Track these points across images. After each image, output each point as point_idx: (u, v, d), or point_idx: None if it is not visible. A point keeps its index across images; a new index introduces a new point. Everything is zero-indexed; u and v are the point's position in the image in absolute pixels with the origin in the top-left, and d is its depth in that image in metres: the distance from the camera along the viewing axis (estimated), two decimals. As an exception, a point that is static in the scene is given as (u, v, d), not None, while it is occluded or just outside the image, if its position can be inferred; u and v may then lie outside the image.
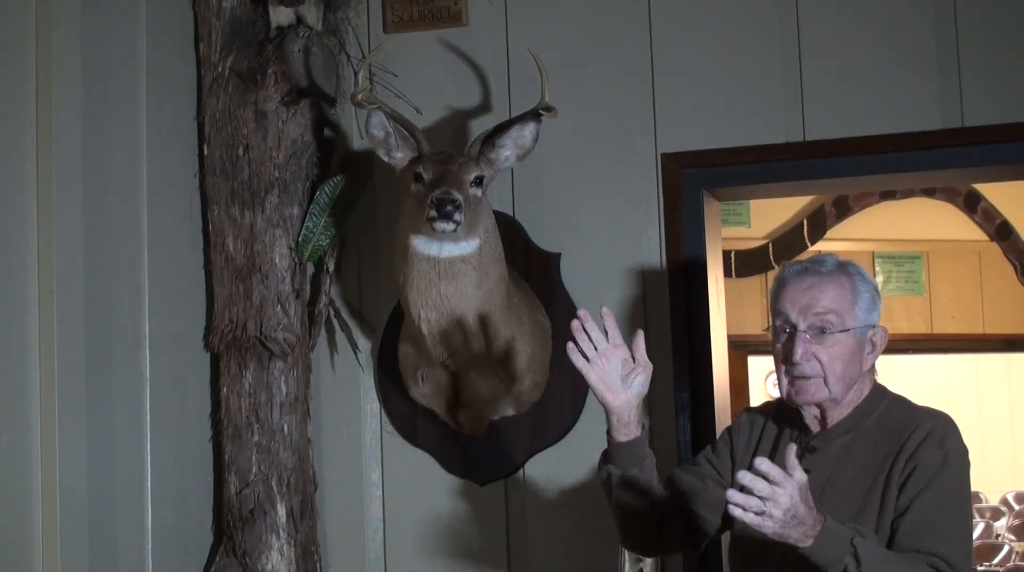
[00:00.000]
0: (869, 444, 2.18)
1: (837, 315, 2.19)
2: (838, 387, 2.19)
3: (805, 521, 1.93)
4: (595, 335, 2.20)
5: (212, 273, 3.01)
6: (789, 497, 1.90)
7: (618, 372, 2.20)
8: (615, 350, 2.20)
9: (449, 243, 2.63)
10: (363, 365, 3.11)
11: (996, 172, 3.01)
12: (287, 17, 2.97)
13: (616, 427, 2.22)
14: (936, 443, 2.10)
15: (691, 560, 2.83)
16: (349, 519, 3.10)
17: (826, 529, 1.96)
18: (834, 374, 2.18)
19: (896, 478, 2.10)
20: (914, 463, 2.09)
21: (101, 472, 2.68)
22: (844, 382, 2.20)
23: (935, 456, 2.09)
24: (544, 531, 2.97)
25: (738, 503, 1.90)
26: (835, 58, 2.89)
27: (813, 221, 5.92)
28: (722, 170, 2.96)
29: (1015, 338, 6.26)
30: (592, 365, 2.19)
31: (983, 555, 6.36)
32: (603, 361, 2.19)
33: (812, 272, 2.23)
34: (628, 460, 2.23)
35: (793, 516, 1.91)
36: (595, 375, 2.19)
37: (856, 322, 2.19)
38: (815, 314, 2.19)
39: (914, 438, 2.12)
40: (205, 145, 3.01)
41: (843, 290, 2.20)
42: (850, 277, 2.22)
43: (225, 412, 2.97)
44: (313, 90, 2.95)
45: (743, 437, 2.36)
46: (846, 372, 2.19)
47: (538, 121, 2.76)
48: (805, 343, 2.18)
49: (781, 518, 1.90)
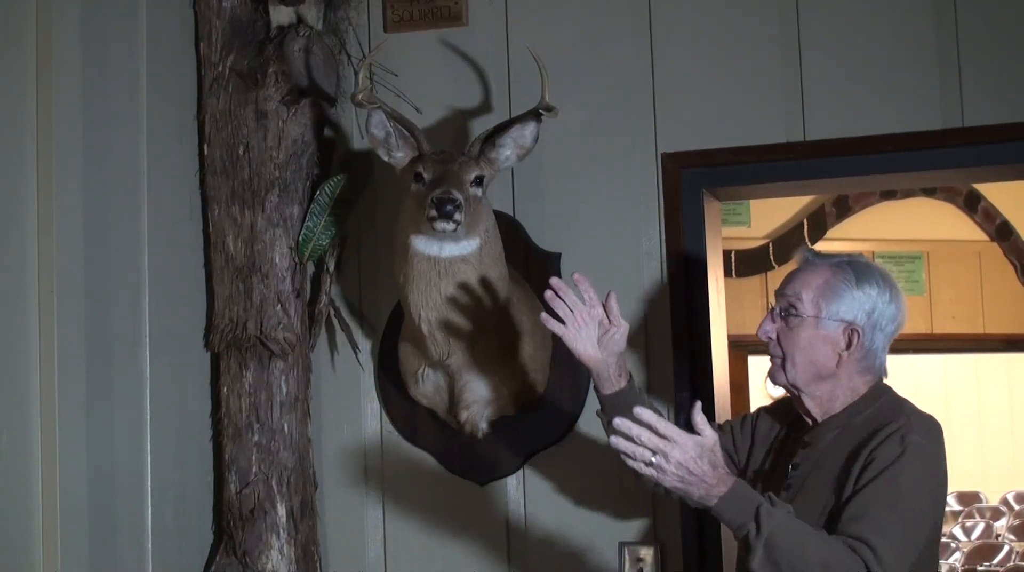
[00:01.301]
0: (851, 440, 2.19)
1: (807, 301, 2.22)
2: (796, 373, 2.23)
3: (705, 480, 1.99)
4: (569, 300, 2.32)
5: (212, 273, 3.01)
6: (681, 451, 1.97)
7: (594, 333, 2.33)
8: (590, 312, 2.33)
9: (449, 243, 2.63)
10: (363, 365, 3.11)
11: (996, 172, 3.01)
12: (287, 17, 2.97)
13: (599, 382, 2.36)
14: (898, 439, 2.10)
15: (691, 555, 2.83)
16: (349, 519, 3.10)
17: (733, 491, 2.00)
18: (791, 360, 2.23)
19: (855, 470, 2.11)
20: (872, 456, 2.10)
21: (101, 472, 2.68)
22: (805, 372, 2.23)
23: (892, 451, 2.08)
24: (544, 531, 2.97)
25: (624, 450, 1.98)
26: (835, 58, 2.89)
27: (813, 221, 5.92)
28: (722, 170, 2.96)
29: (1015, 338, 6.26)
30: (567, 328, 2.32)
31: (983, 555, 6.37)
32: (578, 323, 2.32)
33: (810, 260, 2.29)
34: (616, 409, 2.28)
35: (689, 472, 1.98)
36: (571, 336, 2.33)
37: (825, 313, 2.21)
38: (784, 294, 2.26)
39: (881, 433, 2.12)
40: (205, 145, 3.01)
41: (821, 280, 2.23)
42: (837, 272, 2.23)
43: (225, 412, 2.97)
44: (313, 90, 2.95)
45: (765, 424, 2.42)
46: (807, 361, 2.22)
47: (538, 121, 2.75)
48: (770, 320, 2.26)
49: (674, 472, 1.98)
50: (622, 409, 2.24)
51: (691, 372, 2.89)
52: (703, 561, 2.84)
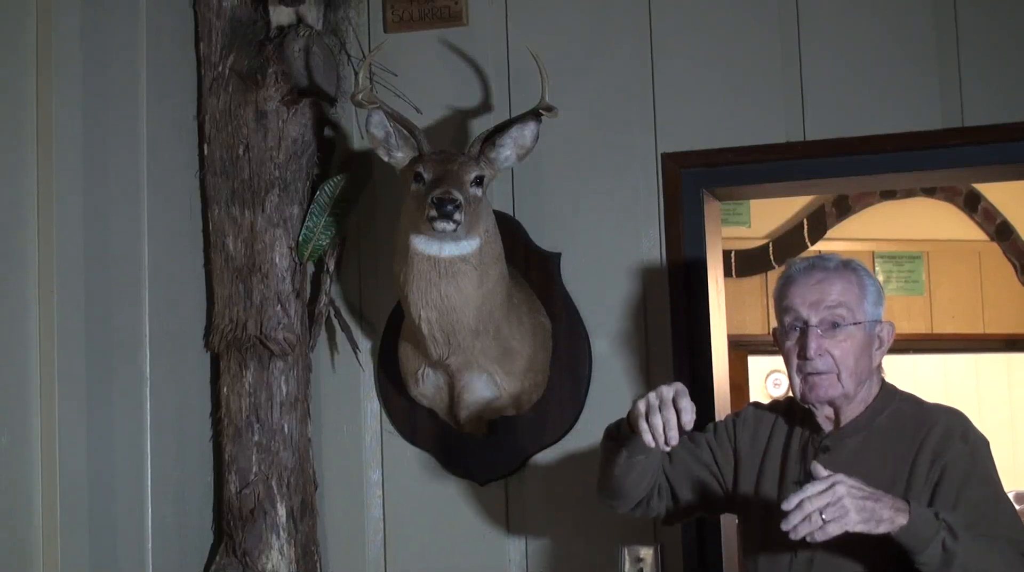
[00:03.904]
0: (883, 443, 2.18)
1: (847, 309, 2.20)
2: (851, 382, 2.20)
3: (881, 498, 1.94)
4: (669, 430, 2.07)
5: (212, 273, 3.01)
6: (844, 486, 1.91)
7: None
8: None
9: (449, 243, 2.63)
10: (363, 365, 3.11)
11: (996, 172, 3.01)
12: (287, 17, 2.97)
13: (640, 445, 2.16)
14: (959, 439, 2.12)
15: (691, 555, 2.83)
16: (349, 519, 3.10)
17: (913, 504, 1.96)
18: (847, 368, 2.19)
19: (922, 479, 2.10)
20: (943, 462, 2.10)
21: (101, 472, 2.68)
22: (856, 377, 2.20)
23: (962, 451, 2.11)
24: (544, 531, 2.97)
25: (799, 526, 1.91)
26: (835, 58, 2.89)
27: (813, 221, 5.91)
28: (722, 170, 2.96)
29: (1015, 338, 6.25)
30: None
31: (983, 555, 6.35)
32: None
33: (819, 268, 2.25)
34: (641, 448, 2.20)
35: (864, 495, 1.92)
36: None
37: (866, 316, 2.21)
38: (827, 308, 2.20)
39: (933, 437, 2.12)
40: (205, 145, 3.01)
41: (851, 284, 2.22)
42: (856, 272, 2.24)
43: (225, 412, 2.97)
44: (313, 90, 2.95)
45: (747, 433, 2.36)
46: (857, 367, 2.20)
47: (538, 121, 2.75)
48: (818, 338, 2.18)
49: (854, 504, 1.91)
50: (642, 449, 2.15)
51: (691, 372, 2.88)
52: (703, 561, 2.84)
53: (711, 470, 2.36)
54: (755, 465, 2.32)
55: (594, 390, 2.93)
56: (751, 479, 2.32)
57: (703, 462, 2.36)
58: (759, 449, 2.33)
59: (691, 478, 2.36)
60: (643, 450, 2.17)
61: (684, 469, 2.35)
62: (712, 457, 2.36)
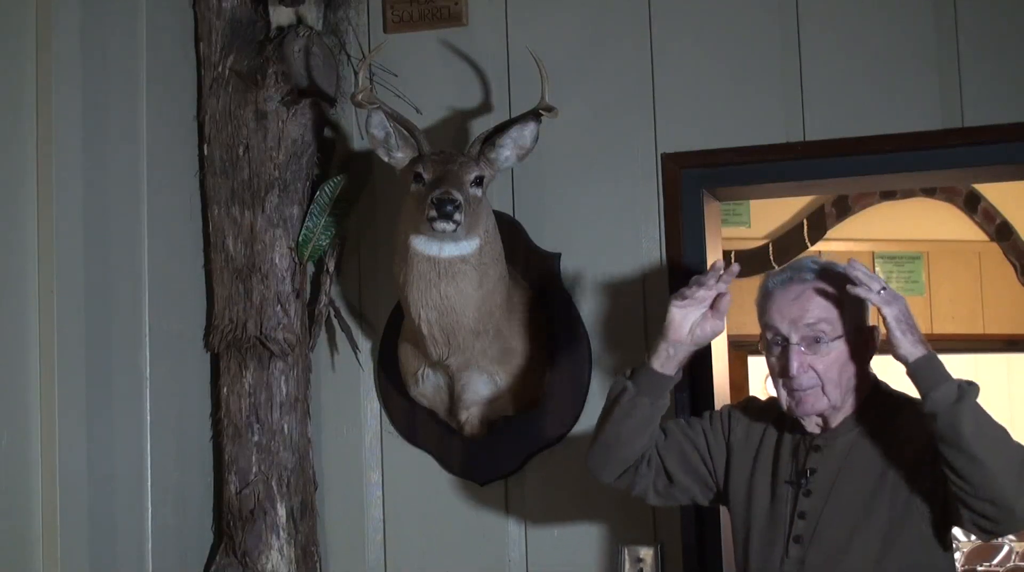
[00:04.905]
0: (873, 438, 2.18)
1: (828, 323, 2.18)
2: (836, 393, 2.19)
3: (918, 328, 2.06)
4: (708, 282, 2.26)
5: (212, 273, 3.01)
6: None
7: (696, 315, 2.26)
8: (707, 294, 2.26)
9: (449, 243, 2.63)
10: (363, 365, 3.11)
11: (996, 172, 3.01)
12: (287, 17, 2.97)
13: (658, 357, 2.27)
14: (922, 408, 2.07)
15: (691, 555, 2.83)
16: (349, 519, 3.10)
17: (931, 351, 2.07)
18: (831, 381, 2.18)
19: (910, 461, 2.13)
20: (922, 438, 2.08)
21: (101, 472, 2.68)
22: (841, 388, 2.20)
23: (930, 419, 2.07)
24: (544, 531, 2.97)
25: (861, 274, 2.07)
26: (835, 58, 2.89)
27: (813, 221, 5.90)
28: (722, 170, 2.95)
29: (1015, 338, 6.24)
30: (683, 307, 2.26)
31: (983, 555, 6.35)
32: (692, 307, 2.26)
33: (797, 280, 2.22)
34: (648, 388, 2.24)
35: (908, 315, 2.06)
36: (680, 314, 2.26)
37: (847, 327, 2.19)
38: (806, 325, 2.19)
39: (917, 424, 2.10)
40: (205, 145, 3.01)
41: (830, 297, 2.19)
42: (835, 280, 2.19)
43: (225, 412, 2.97)
44: (313, 90, 2.95)
45: (741, 428, 2.37)
46: (842, 378, 2.20)
47: (538, 121, 2.75)
48: (800, 355, 2.18)
49: (899, 305, 2.06)
50: (651, 390, 2.25)
51: (691, 372, 2.88)
52: (703, 561, 2.83)
53: (702, 454, 2.37)
54: (748, 461, 2.33)
55: (594, 390, 2.93)
56: (744, 475, 2.33)
57: (695, 445, 2.37)
58: (752, 445, 2.34)
59: (682, 456, 2.37)
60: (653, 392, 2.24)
61: (677, 447, 2.37)
62: (705, 442, 2.38)
